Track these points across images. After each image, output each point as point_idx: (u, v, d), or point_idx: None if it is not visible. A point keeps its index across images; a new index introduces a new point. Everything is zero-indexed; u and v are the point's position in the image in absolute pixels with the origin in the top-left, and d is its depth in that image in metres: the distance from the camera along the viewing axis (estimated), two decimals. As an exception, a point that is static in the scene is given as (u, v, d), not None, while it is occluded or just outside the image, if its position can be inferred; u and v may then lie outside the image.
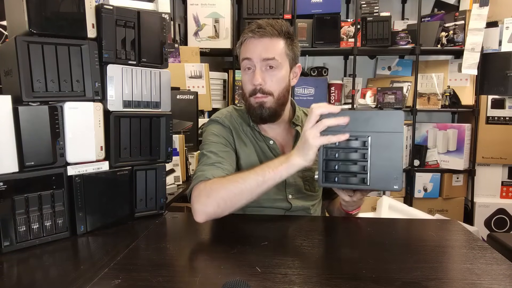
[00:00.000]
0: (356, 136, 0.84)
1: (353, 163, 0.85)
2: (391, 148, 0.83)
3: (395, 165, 0.83)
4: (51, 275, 0.75)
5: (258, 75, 1.06)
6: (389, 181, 0.83)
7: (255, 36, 1.06)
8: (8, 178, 0.82)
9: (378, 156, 0.83)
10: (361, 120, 0.84)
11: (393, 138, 0.83)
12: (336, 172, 0.86)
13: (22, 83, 0.83)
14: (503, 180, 2.68)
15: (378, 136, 0.84)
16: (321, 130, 0.85)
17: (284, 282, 0.68)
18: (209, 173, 1.00)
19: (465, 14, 2.59)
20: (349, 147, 0.85)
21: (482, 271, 0.73)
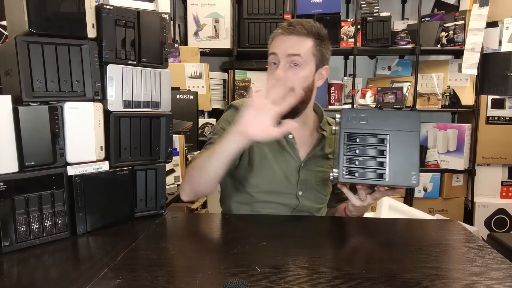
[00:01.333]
0: (376, 133, 0.89)
1: (373, 159, 0.89)
2: (409, 146, 0.88)
3: (412, 162, 0.88)
4: (51, 275, 0.75)
5: (280, 69, 1.07)
6: (407, 177, 0.88)
7: (284, 33, 1.09)
8: (8, 178, 0.82)
9: (397, 153, 0.88)
10: (380, 118, 0.89)
11: (411, 136, 0.88)
12: (356, 167, 0.90)
13: (22, 83, 0.83)
14: (503, 180, 2.68)
15: (397, 134, 0.88)
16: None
17: (284, 282, 0.68)
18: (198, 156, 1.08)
19: (465, 14, 2.59)
20: (369, 143, 0.89)
21: (482, 271, 0.73)
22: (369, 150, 0.90)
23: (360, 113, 0.90)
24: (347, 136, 0.90)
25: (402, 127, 0.89)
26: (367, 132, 0.90)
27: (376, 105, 2.65)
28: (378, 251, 0.85)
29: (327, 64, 1.15)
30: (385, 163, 0.89)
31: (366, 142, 0.90)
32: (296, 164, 1.14)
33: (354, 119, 0.90)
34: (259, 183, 1.13)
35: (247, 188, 1.14)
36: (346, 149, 0.90)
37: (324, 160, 1.18)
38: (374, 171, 0.89)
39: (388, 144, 0.89)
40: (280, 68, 1.07)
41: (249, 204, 1.15)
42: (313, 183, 1.15)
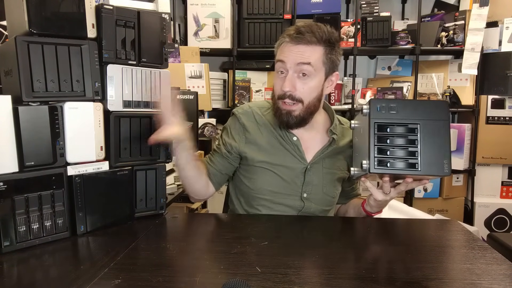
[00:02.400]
0: (406, 123, 0.88)
1: (404, 149, 0.88)
2: (439, 135, 0.88)
3: (444, 150, 0.87)
4: (51, 275, 0.75)
5: (288, 81, 1.04)
6: (440, 166, 0.87)
7: (292, 42, 1.04)
8: (8, 178, 0.82)
9: (428, 143, 0.87)
10: (410, 108, 0.88)
11: (441, 125, 0.88)
12: (387, 157, 0.88)
13: (22, 83, 0.83)
14: (503, 180, 2.68)
15: (427, 124, 0.88)
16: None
17: (284, 282, 0.68)
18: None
19: (465, 14, 2.59)
20: (400, 133, 0.88)
21: (482, 271, 0.73)
22: (399, 140, 0.88)
23: (389, 103, 0.89)
24: (377, 126, 0.88)
25: (432, 117, 0.88)
26: (398, 122, 0.88)
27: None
28: (378, 251, 0.85)
29: (337, 70, 1.12)
30: (417, 152, 0.87)
31: (397, 132, 0.88)
32: (302, 166, 1.13)
33: (384, 109, 0.88)
34: (262, 185, 1.12)
35: (251, 191, 1.14)
36: (377, 139, 0.88)
37: (333, 161, 1.16)
38: (406, 161, 0.87)
39: (419, 134, 0.87)
40: (288, 80, 1.04)
41: (253, 207, 1.15)
42: (320, 185, 1.14)
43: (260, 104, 1.21)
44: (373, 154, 0.88)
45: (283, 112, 1.07)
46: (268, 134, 1.15)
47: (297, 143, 1.13)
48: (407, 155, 0.87)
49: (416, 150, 0.87)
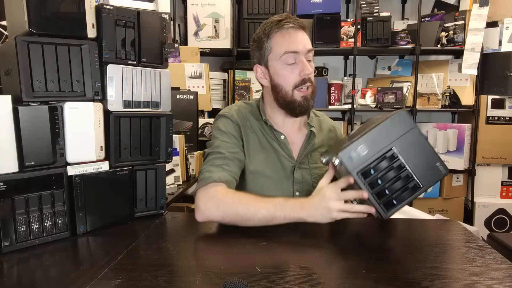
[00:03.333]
0: (383, 154, 0.86)
1: (398, 178, 0.86)
2: (417, 143, 0.86)
3: (430, 154, 0.86)
4: (51, 275, 0.75)
5: (307, 65, 1.06)
6: (436, 170, 0.85)
7: (295, 27, 1.06)
8: (8, 178, 0.82)
9: (413, 157, 0.86)
10: (376, 138, 0.86)
11: (412, 135, 0.86)
12: (389, 196, 0.86)
13: (22, 83, 0.83)
14: (503, 180, 2.68)
15: (400, 142, 0.86)
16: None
17: (284, 282, 0.68)
18: (216, 176, 1.00)
19: (465, 14, 2.59)
20: (385, 167, 0.86)
21: (482, 271, 0.73)
22: (389, 173, 0.86)
23: (356, 147, 0.85)
24: (362, 175, 0.85)
25: (400, 132, 0.86)
26: (375, 158, 0.85)
27: (376, 105, 2.65)
28: (378, 251, 0.85)
29: None
30: (410, 173, 0.85)
31: (382, 168, 0.85)
32: (291, 164, 1.13)
33: (355, 155, 0.86)
34: (254, 189, 1.10)
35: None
36: (369, 187, 0.85)
37: (316, 155, 1.17)
38: (407, 187, 0.85)
39: (400, 156, 0.85)
40: (306, 64, 1.06)
41: None
42: (309, 181, 1.14)
43: (240, 105, 1.19)
44: (377, 204, 0.86)
45: (301, 99, 1.08)
46: (258, 134, 1.14)
47: (285, 141, 1.13)
48: (405, 181, 0.86)
49: (408, 172, 0.85)
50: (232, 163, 1.06)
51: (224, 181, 1.00)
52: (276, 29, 1.07)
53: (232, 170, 1.04)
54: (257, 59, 1.14)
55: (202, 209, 0.96)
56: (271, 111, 1.16)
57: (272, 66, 1.10)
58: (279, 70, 1.08)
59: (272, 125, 1.14)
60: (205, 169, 1.04)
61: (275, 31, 1.07)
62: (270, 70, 1.11)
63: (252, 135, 1.13)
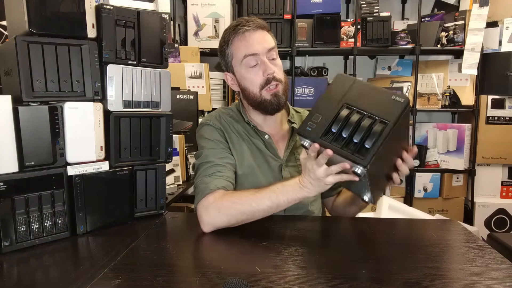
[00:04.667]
0: (337, 113, 0.82)
1: (360, 125, 0.79)
2: (364, 91, 0.83)
3: (382, 94, 0.82)
4: (51, 275, 0.75)
5: (269, 64, 1.06)
6: (394, 103, 0.80)
7: (251, 29, 1.06)
8: (8, 178, 0.82)
9: (366, 103, 0.81)
10: (325, 104, 0.84)
11: (356, 87, 0.84)
12: (359, 143, 0.79)
13: (22, 83, 0.83)
14: (503, 180, 2.68)
15: (347, 96, 0.83)
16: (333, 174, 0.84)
17: (284, 282, 0.68)
18: (212, 185, 0.99)
19: (465, 14, 2.59)
20: (344, 122, 0.81)
21: (482, 271, 0.73)
22: (349, 124, 0.80)
23: (309, 117, 0.83)
24: (324, 138, 0.81)
25: (344, 89, 0.83)
26: (331, 119, 0.81)
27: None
28: (378, 251, 0.85)
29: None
30: (370, 116, 0.79)
31: (341, 124, 0.80)
32: (277, 164, 1.12)
33: (312, 125, 0.83)
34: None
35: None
36: (336, 144, 0.80)
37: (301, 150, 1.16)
38: (374, 130, 0.78)
39: (353, 107, 0.81)
40: (268, 64, 1.05)
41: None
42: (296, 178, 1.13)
43: (220, 111, 1.19)
44: (351, 155, 0.78)
45: (270, 98, 1.08)
46: (242, 137, 1.13)
47: (269, 140, 1.13)
48: (369, 125, 0.79)
49: (367, 115, 0.80)
50: (224, 168, 1.05)
51: (220, 187, 0.99)
52: (233, 35, 1.08)
53: (226, 175, 1.03)
54: (224, 67, 1.15)
55: (204, 218, 0.95)
56: (250, 113, 1.16)
57: (237, 71, 1.10)
58: (244, 74, 1.09)
59: (255, 126, 1.13)
60: (199, 182, 1.02)
61: (233, 37, 1.08)
62: (236, 76, 1.11)
63: (237, 139, 1.12)
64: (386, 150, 0.80)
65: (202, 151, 1.09)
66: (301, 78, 2.72)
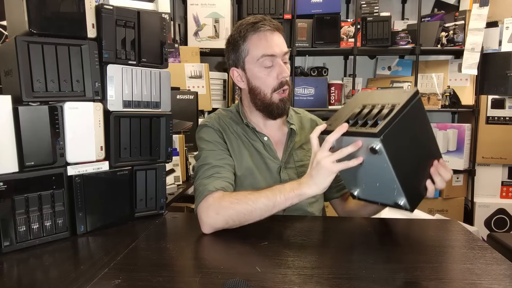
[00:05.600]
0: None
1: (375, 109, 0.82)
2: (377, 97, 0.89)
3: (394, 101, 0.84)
4: (51, 275, 0.75)
5: (285, 67, 1.06)
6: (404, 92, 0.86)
7: (271, 29, 1.05)
8: (8, 178, 0.82)
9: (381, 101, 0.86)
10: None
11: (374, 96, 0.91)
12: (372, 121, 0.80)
13: (22, 83, 0.83)
14: (503, 180, 2.68)
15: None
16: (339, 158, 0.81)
17: (284, 282, 0.68)
18: (210, 186, 0.98)
19: (465, 14, 2.59)
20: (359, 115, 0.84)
21: (482, 271, 0.73)
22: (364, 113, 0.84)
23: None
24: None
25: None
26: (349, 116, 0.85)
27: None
28: (379, 251, 0.85)
29: None
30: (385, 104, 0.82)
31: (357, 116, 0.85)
32: (276, 166, 1.12)
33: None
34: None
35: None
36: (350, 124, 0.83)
37: (302, 153, 1.15)
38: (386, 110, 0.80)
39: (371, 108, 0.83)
40: (283, 67, 1.06)
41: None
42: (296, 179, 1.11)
43: (220, 113, 1.18)
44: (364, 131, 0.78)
45: (278, 102, 1.08)
46: (241, 139, 1.13)
47: (269, 142, 1.12)
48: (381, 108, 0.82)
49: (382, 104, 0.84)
50: (223, 169, 1.04)
51: (219, 188, 0.98)
52: (252, 32, 1.05)
53: (225, 176, 1.02)
54: (232, 61, 1.12)
55: (204, 220, 0.94)
56: (251, 113, 1.15)
57: (249, 69, 1.08)
58: (257, 73, 1.07)
59: (254, 127, 1.13)
60: (199, 184, 1.02)
61: (251, 34, 1.05)
62: (247, 73, 1.09)
63: (236, 140, 1.12)
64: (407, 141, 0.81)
65: (201, 153, 1.08)
66: (301, 78, 2.72)
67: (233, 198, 0.94)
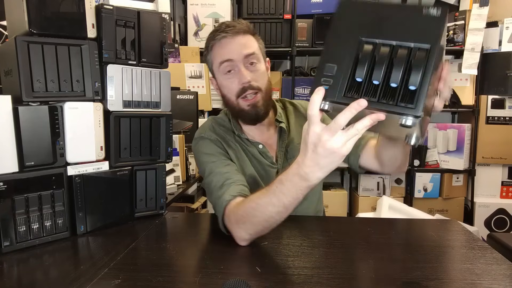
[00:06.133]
0: (356, 54, 0.62)
1: (394, 61, 0.59)
2: (382, 14, 0.62)
3: (408, 10, 0.63)
4: (51, 275, 0.75)
5: (244, 72, 1.00)
6: (430, 19, 0.60)
7: (228, 35, 1.01)
8: (8, 178, 0.82)
9: (392, 28, 0.61)
10: (335, 48, 0.63)
11: (365, 9, 0.64)
12: (401, 88, 0.59)
13: (22, 83, 0.83)
14: (503, 180, 2.68)
15: (361, 28, 0.63)
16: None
17: (284, 282, 0.68)
18: (226, 197, 0.90)
19: (465, 14, 2.59)
20: (369, 64, 0.60)
21: (482, 271, 0.73)
22: (378, 66, 0.60)
23: (321, 70, 0.63)
24: (349, 92, 0.61)
25: (354, 20, 0.63)
26: (351, 65, 0.62)
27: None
28: (378, 251, 0.85)
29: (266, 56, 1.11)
30: (402, 45, 0.59)
31: (367, 67, 0.60)
32: (274, 170, 1.09)
33: (327, 80, 0.63)
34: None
35: None
36: (369, 96, 0.60)
37: (293, 148, 1.11)
38: (414, 62, 0.58)
39: (375, 39, 0.61)
40: (242, 72, 1.00)
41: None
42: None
43: (213, 122, 1.13)
44: (394, 106, 0.58)
45: (248, 108, 1.03)
46: (238, 148, 1.09)
47: (264, 150, 1.09)
48: (406, 58, 0.59)
49: (399, 44, 0.60)
50: (232, 173, 0.98)
51: (235, 194, 0.90)
52: (212, 41, 1.04)
53: (237, 179, 0.96)
54: (210, 71, 1.11)
55: (235, 235, 0.86)
56: (236, 121, 1.11)
57: (217, 78, 1.07)
58: (222, 81, 1.05)
59: (246, 138, 1.09)
60: (214, 198, 0.94)
61: (212, 43, 1.04)
62: (218, 82, 1.08)
63: (236, 147, 1.09)
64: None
65: (205, 167, 1.02)
66: (301, 78, 2.72)
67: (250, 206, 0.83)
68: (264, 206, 0.79)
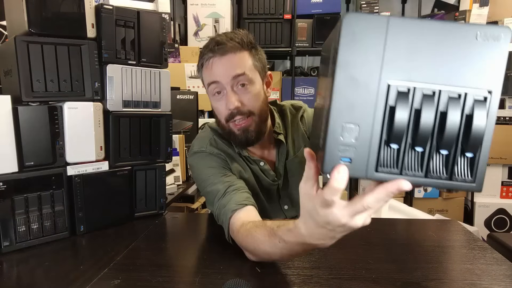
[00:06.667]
0: (384, 108, 0.42)
1: (438, 115, 0.42)
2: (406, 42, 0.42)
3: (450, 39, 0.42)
4: (51, 275, 0.74)
5: (232, 97, 0.91)
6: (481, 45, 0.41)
7: (216, 55, 0.91)
8: (8, 178, 0.82)
9: (428, 66, 0.42)
10: (351, 99, 0.42)
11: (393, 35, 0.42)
12: (454, 154, 0.43)
13: (21, 83, 0.83)
14: (503, 180, 2.68)
15: (384, 65, 0.42)
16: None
17: (284, 282, 0.68)
18: (232, 205, 0.85)
19: (465, 14, 2.59)
20: (406, 122, 0.41)
21: (482, 271, 0.73)
22: (418, 125, 0.41)
23: (335, 136, 0.44)
24: (381, 166, 0.44)
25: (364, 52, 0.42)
26: (381, 123, 0.43)
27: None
28: (378, 251, 0.85)
29: (267, 70, 1.00)
30: (449, 92, 0.42)
31: (403, 127, 0.42)
32: (275, 187, 1.05)
33: (346, 149, 0.44)
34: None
35: None
36: (411, 169, 0.43)
37: (291, 163, 1.05)
38: (467, 116, 0.43)
39: (406, 83, 0.42)
40: (230, 97, 0.91)
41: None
42: (294, 190, 1.04)
43: (210, 132, 1.05)
44: (445, 181, 0.44)
45: (238, 133, 0.95)
46: (240, 164, 1.02)
47: (265, 167, 1.03)
48: (454, 110, 0.42)
49: (443, 91, 0.42)
50: (233, 180, 0.93)
51: (241, 202, 0.85)
52: (201, 61, 0.95)
53: (240, 186, 0.91)
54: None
55: (244, 248, 0.80)
56: None
57: (209, 97, 0.99)
58: (212, 102, 0.98)
59: (247, 155, 1.01)
60: (217, 208, 0.89)
61: (201, 63, 0.95)
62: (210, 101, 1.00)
63: (237, 165, 1.01)
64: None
65: (203, 179, 0.96)
66: (301, 78, 2.72)
67: (241, 238, 0.79)
68: (265, 252, 0.72)
